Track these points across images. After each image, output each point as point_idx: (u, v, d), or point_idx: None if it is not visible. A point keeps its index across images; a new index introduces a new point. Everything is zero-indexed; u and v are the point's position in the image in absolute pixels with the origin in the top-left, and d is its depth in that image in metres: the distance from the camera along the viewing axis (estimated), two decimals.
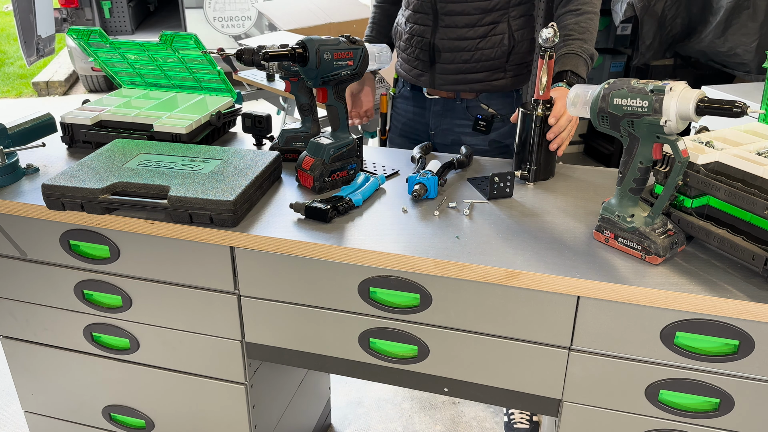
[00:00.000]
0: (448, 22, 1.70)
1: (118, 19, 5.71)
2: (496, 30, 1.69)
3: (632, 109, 1.09)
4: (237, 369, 1.46)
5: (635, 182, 1.15)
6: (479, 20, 1.69)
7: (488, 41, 1.70)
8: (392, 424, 2.18)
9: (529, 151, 1.47)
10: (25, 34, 4.67)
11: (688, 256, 1.18)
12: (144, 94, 1.82)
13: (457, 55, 1.73)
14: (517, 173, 1.49)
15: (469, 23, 1.69)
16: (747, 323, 1.08)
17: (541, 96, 1.43)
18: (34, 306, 1.53)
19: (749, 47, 2.78)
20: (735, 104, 0.99)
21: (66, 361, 1.59)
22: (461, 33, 1.70)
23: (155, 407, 1.59)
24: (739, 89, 2.51)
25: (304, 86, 1.53)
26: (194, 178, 1.33)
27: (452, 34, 1.71)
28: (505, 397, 1.30)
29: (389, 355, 1.32)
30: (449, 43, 1.72)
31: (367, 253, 1.20)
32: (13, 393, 2.29)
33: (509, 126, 1.80)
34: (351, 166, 1.46)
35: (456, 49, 1.72)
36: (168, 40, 1.63)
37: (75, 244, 1.41)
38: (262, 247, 1.26)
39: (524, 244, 1.22)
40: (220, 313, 1.39)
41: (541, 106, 1.44)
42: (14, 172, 1.45)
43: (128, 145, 1.50)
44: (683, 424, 1.20)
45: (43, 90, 6.36)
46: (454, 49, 1.72)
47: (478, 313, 1.22)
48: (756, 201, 1.08)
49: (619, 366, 1.19)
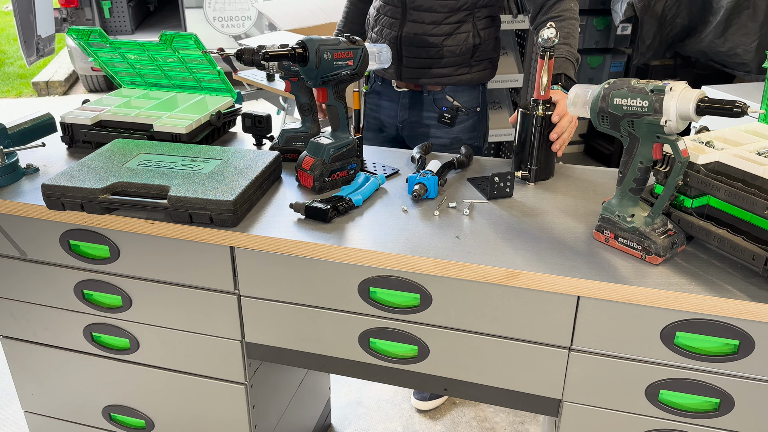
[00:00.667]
0: (416, 17, 1.76)
1: (118, 19, 5.70)
2: (461, 28, 1.76)
3: (632, 109, 1.09)
4: (237, 369, 1.46)
5: (635, 182, 1.15)
6: (445, 18, 1.74)
7: (454, 38, 1.76)
8: (392, 424, 2.18)
9: (529, 152, 1.47)
10: (25, 34, 4.66)
11: (688, 256, 1.18)
12: (144, 94, 1.82)
13: (423, 50, 1.78)
14: (517, 174, 1.49)
15: (436, 20, 1.75)
16: (747, 323, 1.08)
17: (542, 96, 1.43)
18: (34, 306, 1.53)
19: (749, 47, 2.78)
20: (735, 104, 0.99)
21: (66, 361, 1.59)
22: (427, 29, 1.76)
23: (155, 407, 1.59)
24: (739, 89, 2.51)
25: (304, 86, 1.53)
26: (194, 178, 1.33)
27: (419, 29, 1.77)
28: (505, 397, 1.30)
29: (389, 355, 1.32)
30: (415, 38, 1.77)
31: (367, 253, 1.20)
32: (13, 393, 2.29)
33: (473, 120, 1.90)
34: (351, 166, 1.46)
35: (422, 43, 1.78)
36: (168, 40, 1.63)
37: (75, 244, 1.41)
38: (262, 247, 1.26)
39: (524, 244, 1.22)
40: (220, 313, 1.39)
41: (542, 107, 1.44)
42: (14, 172, 1.45)
43: (128, 145, 1.50)
44: (683, 424, 1.20)
45: (43, 90, 6.36)
46: (419, 44, 1.78)
47: (478, 313, 1.22)
48: (756, 201, 1.08)
49: (619, 366, 1.19)
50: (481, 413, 2.22)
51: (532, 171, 1.48)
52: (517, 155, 1.51)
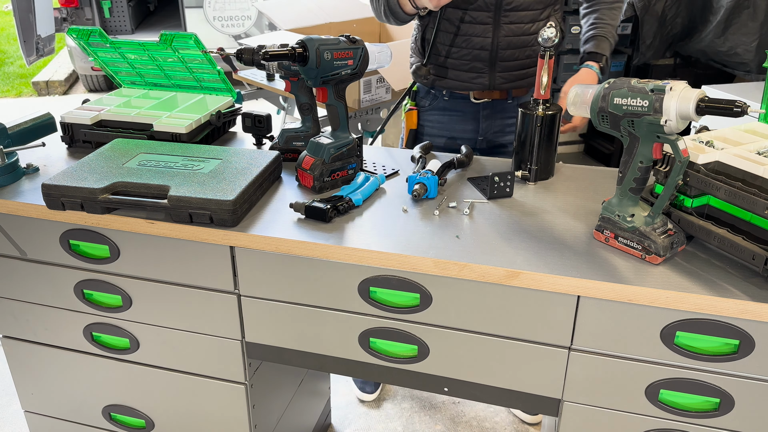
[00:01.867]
0: (512, 17, 1.67)
1: (118, 19, 5.70)
2: (549, 21, 1.73)
3: (632, 108, 1.09)
4: (237, 369, 1.46)
5: (635, 182, 1.15)
6: (539, 14, 1.69)
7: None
8: (392, 423, 2.18)
9: (529, 151, 1.47)
10: (24, 34, 4.66)
11: (688, 255, 1.18)
12: (144, 93, 1.82)
13: (520, 51, 1.71)
14: (517, 174, 1.49)
15: (534, 18, 1.69)
16: (747, 323, 1.08)
17: (542, 96, 1.43)
18: (34, 306, 1.53)
19: (749, 47, 2.78)
20: (735, 104, 0.99)
21: (66, 361, 1.59)
22: (526, 28, 1.69)
23: (155, 407, 1.59)
24: (739, 89, 2.51)
25: (304, 86, 1.53)
26: (194, 177, 1.33)
27: (517, 30, 1.68)
28: (505, 397, 1.30)
29: (389, 355, 1.32)
30: (514, 40, 1.69)
31: (367, 252, 1.20)
32: (13, 393, 2.29)
33: None
34: (351, 166, 1.46)
35: (520, 45, 1.70)
36: (168, 39, 1.63)
37: (75, 243, 1.41)
38: (262, 247, 1.26)
39: (524, 244, 1.22)
40: (220, 312, 1.39)
41: (542, 106, 1.43)
42: (14, 172, 1.45)
43: (128, 145, 1.50)
44: (683, 424, 1.20)
45: (43, 90, 6.36)
46: (518, 45, 1.70)
47: (478, 313, 1.22)
48: (756, 201, 1.08)
49: (619, 366, 1.19)
50: (481, 413, 2.22)
51: (532, 171, 1.48)
52: (517, 155, 1.51)
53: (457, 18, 1.69)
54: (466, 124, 1.82)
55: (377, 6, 1.72)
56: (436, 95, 1.83)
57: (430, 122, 1.86)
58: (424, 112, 1.86)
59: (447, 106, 1.82)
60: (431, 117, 1.85)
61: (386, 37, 3.48)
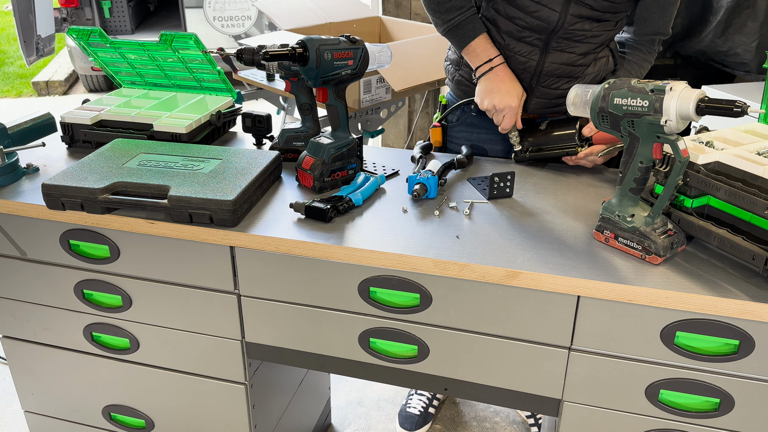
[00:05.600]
0: (565, 46, 1.53)
1: (118, 19, 5.70)
2: (602, 53, 1.59)
3: (632, 108, 1.09)
4: (237, 369, 1.46)
5: (635, 182, 1.15)
6: (594, 48, 1.55)
7: (595, 65, 1.59)
8: (392, 423, 2.18)
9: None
10: (24, 34, 4.66)
11: (688, 255, 1.18)
12: (144, 93, 1.82)
13: (563, 80, 1.58)
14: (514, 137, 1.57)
15: (588, 50, 1.55)
16: (747, 323, 1.08)
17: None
18: (34, 306, 1.53)
19: (749, 47, 2.78)
20: (735, 104, 0.99)
21: (66, 361, 1.59)
22: (575, 59, 1.55)
23: (155, 407, 1.59)
24: (739, 89, 2.51)
25: (304, 86, 1.53)
26: (194, 177, 1.33)
27: (565, 58, 1.55)
28: (505, 397, 1.30)
29: (389, 355, 1.32)
30: (559, 68, 1.56)
31: (367, 253, 1.20)
32: (13, 393, 2.29)
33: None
34: (351, 166, 1.46)
35: (563, 74, 1.57)
36: (168, 39, 1.63)
37: (75, 243, 1.41)
38: (262, 247, 1.26)
39: (524, 244, 1.22)
40: (220, 312, 1.39)
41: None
42: (14, 172, 1.45)
43: (128, 145, 1.50)
44: (683, 424, 1.20)
45: (43, 90, 6.36)
46: (561, 74, 1.57)
47: (478, 313, 1.22)
48: (756, 201, 1.08)
49: (619, 366, 1.19)
50: (481, 413, 2.22)
51: (526, 143, 1.57)
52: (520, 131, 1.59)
53: (507, 32, 1.55)
54: (496, 144, 1.71)
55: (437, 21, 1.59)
56: (464, 109, 1.73)
57: (457, 139, 1.76)
58: (452, 127, 1.76)
59: (474, 122, 1.72)
60: (459, 134, 1.76)
61: (386, 37, 3.47)
